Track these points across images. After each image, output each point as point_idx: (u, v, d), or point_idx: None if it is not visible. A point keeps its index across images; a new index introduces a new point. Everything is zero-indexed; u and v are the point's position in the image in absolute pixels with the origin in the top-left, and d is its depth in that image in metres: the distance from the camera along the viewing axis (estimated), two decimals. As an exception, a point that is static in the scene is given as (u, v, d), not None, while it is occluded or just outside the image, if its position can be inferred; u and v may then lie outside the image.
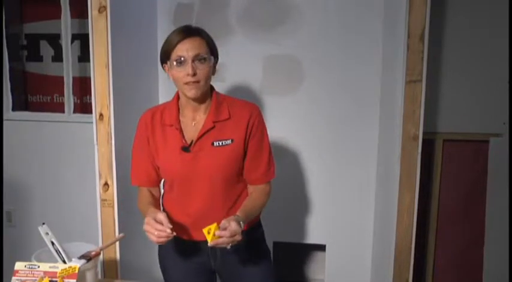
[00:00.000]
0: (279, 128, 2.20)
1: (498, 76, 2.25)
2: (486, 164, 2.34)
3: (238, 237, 1.32)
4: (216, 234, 1.29)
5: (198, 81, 1.42)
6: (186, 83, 1.42)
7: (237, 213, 1.41)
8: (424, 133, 1.85)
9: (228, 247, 1.32)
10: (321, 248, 2.44)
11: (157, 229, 1.32)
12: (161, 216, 1.34)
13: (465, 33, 2.24)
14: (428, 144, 2.26)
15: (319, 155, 2.33)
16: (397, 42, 1.89)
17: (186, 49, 1.41)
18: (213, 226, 1.30)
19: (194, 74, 1.40)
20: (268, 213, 1.72)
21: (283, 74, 2.30)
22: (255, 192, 1.55)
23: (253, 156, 1.53)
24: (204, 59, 1.42)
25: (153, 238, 1.33)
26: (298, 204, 2.39)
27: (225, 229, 1.30)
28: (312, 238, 2.41)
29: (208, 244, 1.30)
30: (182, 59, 1.41)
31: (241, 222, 1.36)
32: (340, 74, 2.25)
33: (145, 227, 1.34)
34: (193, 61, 1.41)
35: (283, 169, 1.70)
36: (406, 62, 1.80)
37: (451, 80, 2.29)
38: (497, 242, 2.33)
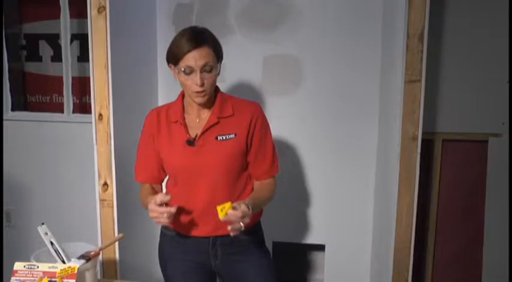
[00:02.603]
0: (278, 127, 2.19)
1: (498, 76, 2.24)
2: (485, 164, 2.34)
3: (247, 220, 1.36)
4: (228, 213, 1.34)
5: (205, 90, 1.47)
6: (194, 92, 1.47)
7: (246, 199, 1.46)
8: (423, 133, 1.85)
9: (231, 234, 1.35)
10: (321, 248, 2.44)
11: (162, 212, 1.38)
12: (159, 196, 1.40)
13: (465, 33, 2.24)
14: (427, 144, 2.26)
15: (319, 155, 2.33)
16: (397, 42, 1.89)
17: (194, 59, 1.44)
18: (228, 204, 1.35)
19: (202, 84, 1.46)
20: (268, 213, 1.73)
21: (282, 74, 2.30)
22: (261, 185, 1.60)
23: (258, 152, 1.58)
24: (211, 67, 1.47)
25: (163, 221, 1.39)
26: (298, 204, 2.39)
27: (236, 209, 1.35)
28: (311, 238, 2.41)
29: (220, 219, 1.34)
30: (191, 69, 1.45)
31: (249, 207, 1.40)
32: (339, 73, 2.25)
33: (151, 214, 1.40)
34: (201, 72, 1.45)
35: (282, 169, 1.70)
36: (406, 62, 1.80)
37: (450, 80, 2.29)
38: (497, 241, 2.33)
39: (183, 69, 1.46)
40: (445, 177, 2.38)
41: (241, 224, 1.35)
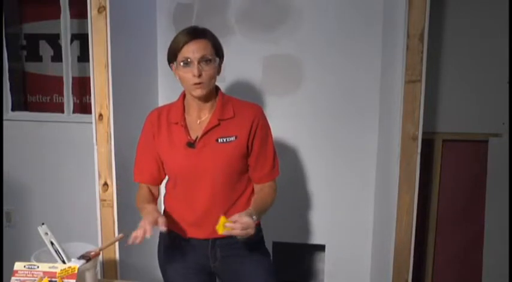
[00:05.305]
0: (278, 128, 2.18)
1: (498, 76, 2.24)
2: (485, 164, 2.34)
3: (251, 231, 1.36)
4: (227, 226, 1.34)
5: (203, 82, 1.46)
6: (193, 84, 1.46)
7: (250, 207, 1.46)
8: (423, 133, 1.85)
9: (240, 239, 1.37)
10: (321, 248, 2.44)
11: (141, 236, 1.38)
12: (160, 219, 1.40)
13: (465, 33, 2.24)
14: (427, 144, 2.25)
15: (319, 155, 2.33)
16: (397, 42, 1.89)
17: (192, 51, 1.45)
18: (222, 219, 1.35)
19: (200, 75, 1.45)
20: (268, 213, 1.72)
21: (282, 74, 2.30)
22: (264, 189, 1.60)
23: (259, 155, 1.57)
24: (210, 60, 1.47)
25: (138, 241, 1.38)
26: (298, 204, 2.39)
27: (236, 222, 1.35)
28: (311, 238, 2.41)
29: (220, 233, 1.34)
30: (188, 60, 1.46)
31: (253, 216, 1.40)
32: (339, 73, 2.25)
33: (138, 231, 1.38)
34: (199, 63, 1.45)
35: (282, 169, 1.70)
36: (406, 62, 1.80)
37: (450, 80, 2.29)
38: (497, 242, 2.33)
39: (181, 63, 1.46)
40: (445, 177, 2.38)
41: (240, 236, 1.36)
